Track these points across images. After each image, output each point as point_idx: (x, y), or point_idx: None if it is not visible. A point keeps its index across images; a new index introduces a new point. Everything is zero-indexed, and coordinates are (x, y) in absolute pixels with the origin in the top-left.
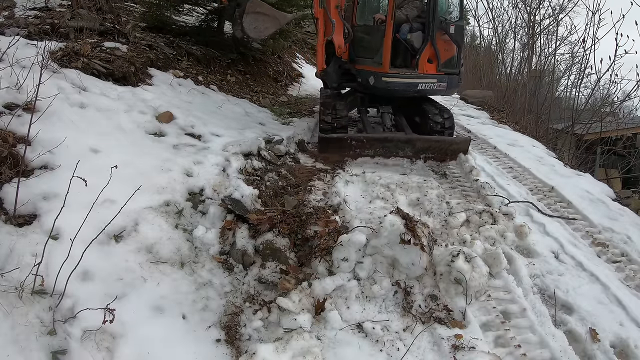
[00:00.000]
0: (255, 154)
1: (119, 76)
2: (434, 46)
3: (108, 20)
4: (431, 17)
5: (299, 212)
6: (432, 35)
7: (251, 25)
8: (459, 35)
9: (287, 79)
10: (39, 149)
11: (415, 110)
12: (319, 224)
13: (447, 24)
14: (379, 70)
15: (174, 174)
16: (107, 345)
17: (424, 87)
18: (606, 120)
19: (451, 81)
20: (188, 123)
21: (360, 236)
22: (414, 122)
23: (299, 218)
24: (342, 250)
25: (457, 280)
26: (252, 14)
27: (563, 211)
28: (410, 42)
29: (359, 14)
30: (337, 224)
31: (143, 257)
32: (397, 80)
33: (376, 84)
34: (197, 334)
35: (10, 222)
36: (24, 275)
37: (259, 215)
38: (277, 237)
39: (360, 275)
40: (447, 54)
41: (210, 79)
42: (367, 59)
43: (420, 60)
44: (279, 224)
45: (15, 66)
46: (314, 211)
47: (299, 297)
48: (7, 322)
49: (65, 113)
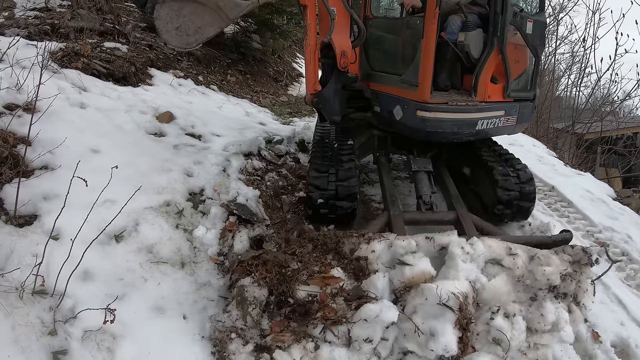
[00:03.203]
0: (256, 153)
1: (119, 76)
2: (503, 54)
3: (108, 21)
4: (500, 6)
5: (279, 259)
6: (500, 36)
7: (169, 24)
8: (539, 38)
9: (288, 79)
10: (40, 149)
11: (465, 156)
12: (313, 282)
13: (522, 18)
14: (411, 96)
15: (174, 174)
16: (107, 346)
17: (485, 125)
18: (606, 119)
19: (523, 112)
20: (188, 123)
21: (391, 313)
22: (459, 175)
23: (280, 270)
24: (367, 328)
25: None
26: (171, 3)
27: (564, 210)
28: (463, 46)
29: (375, 1)
30: (341, 281)
31: (144, 257)
32: (444, 115)
33: (407, 121)
34: (197, 334)
35: (11, 222)
36: (25, 275)
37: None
38: (253, 285)
39: (382, 354)
40: (519, 68)
41: (210, 79)
42: (391, 74)
43: (480, 79)
44: (255, 270)
45: (16, 67)
46: (302, 264)
47: (301, 355)
48: (7, 322)
49: (66, 113)
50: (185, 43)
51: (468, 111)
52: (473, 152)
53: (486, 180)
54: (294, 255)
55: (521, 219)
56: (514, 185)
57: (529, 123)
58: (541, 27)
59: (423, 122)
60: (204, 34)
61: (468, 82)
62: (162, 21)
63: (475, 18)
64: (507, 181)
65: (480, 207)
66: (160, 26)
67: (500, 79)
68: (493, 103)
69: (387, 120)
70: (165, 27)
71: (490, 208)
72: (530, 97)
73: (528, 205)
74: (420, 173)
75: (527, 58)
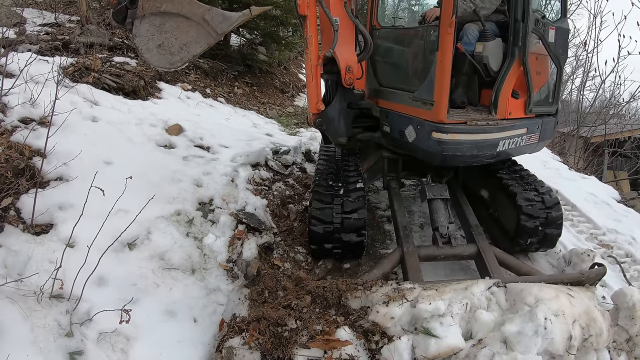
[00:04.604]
0: (263, 164)
1: (129, 90)
2: (525, 66)
3: (117, 35)
4: (520, 13)
5: (273, 317)
6: (522, 46)
7: (150, 41)
8: (562, 46)
9: (294, 90)
10: (55, 161)
11: (482, 178)
12: (315, 345)
13: (545, 25)
14: (426, 116)
15: (184, 185)
16: (121, 347)
17: (507, 145)
18: (611, 122)
19: (545, 128)
20: (197, 135)
21: None
22: (476, 199)
23: (275, 330)
24: None
25: None
26: (152, 18)
27: (567, 214)
28: (481, 58)
29: (381, 10)
30: (348, 345)
31: (156, 263)
32: (462, 137)
33: (420, 143)
34: (207, 336)
35: (28, 230)
36: (43, 280)
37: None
38: (244, 348)
39: None
40: (540, 80)
41: (217, 92)
42: (402, 91)
43: (500, 94)
44: (246, 329)
45: (29, 82)
46: (301, 322)
47: None
48: (26, 324)
49: (79, 127)
50: (169, 63)
51: (489, 131)
52: (491, 174)
53: (508, 206)
54: (291, 310)
55: (547, 248)
56: (539, 211)
57: (551, 140)
58: (564, 35)
59: (439, 145)
60: (190, 51)
61: (486, 97)
62: (143, 39)
63: (494, 26)
64: (532, 207)
65: (501, 234)
66: (141, 44)
67: (522, 93)
68: (515, 120)
69: (398, 141)
70: (146, 46)
71: (513, 236)
72: (552, 111)
73: (555, 233)
74: (436, 202)
75: (549, 69)
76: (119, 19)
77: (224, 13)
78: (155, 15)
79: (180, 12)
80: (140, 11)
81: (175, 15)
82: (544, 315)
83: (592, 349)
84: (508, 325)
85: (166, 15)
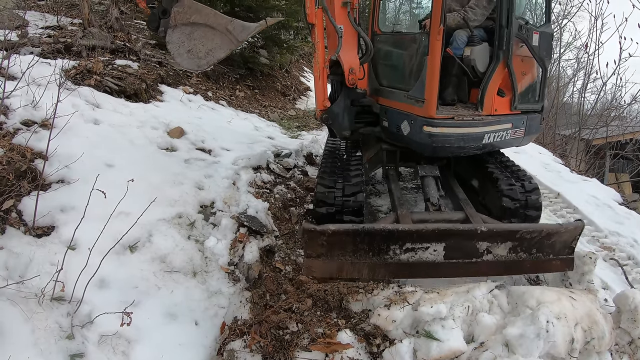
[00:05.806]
0: (265, 167)
1: (131, 93)
2: (509, 67)
3: (119, 38)
4: (505, 20)
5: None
6: (506, 50)
7: (181, 47)
8: (546, 49)
9: (295, 93)
10: (56, 163)
11: (473, 169)
12: (316, 348)
13: (528, 30)
14: (418, 112)
15: (186, 187)
16: (122, 349)
17: (492, 138)
18: (612, 124)
19: (531, 124)
20: (199, 138)
21: None
22: (468, 188)
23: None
24: None
25: None
26: (183, 27)
27: (569, 216)
28: (469, 60)
29: (382, 16)
30: (349, 348)
31: (157, 266)
32: (450, 130)
33: (414, 136)
34: (209, 339)
35: (30, 233)
36: (44, 283)
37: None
38: (245, 350)
39: None
40: (526, 80)
41: (219, 95)
42: (398, 90)
43: (486, 93)
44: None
45: (31, 84)
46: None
47: None
48: (27, 326)
49: (81, 129)
50: (197, 65)
51: (475, 125)
52: (481, 165)
53: (492, 191)
54: (292, 313)
55: None
56: (519, 194)
57: (538, 134)
58: (548, 39)
59: (429, 138)
60: (215, 56)
61: (475, 96)
62: (175, 45)
63: (482, 32)
64: (512, 190)
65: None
66: (173, 50)
67: (507, 91)
68: (500, 116)
69: (395, 135)
70: (178, 51)
71: (497, 218)
72: (538, 108)
73: (535, 215)
74: (428, 178)
75: (535, 70)
76: (153, 27)
77: (243, 24)
78: (186, 25)
79: (207, 22)
80: (173, 21)
81: (202, 25)
82: (546, 318)
83: (595, 352)
84: (510, 328)
85: (195, 25)
